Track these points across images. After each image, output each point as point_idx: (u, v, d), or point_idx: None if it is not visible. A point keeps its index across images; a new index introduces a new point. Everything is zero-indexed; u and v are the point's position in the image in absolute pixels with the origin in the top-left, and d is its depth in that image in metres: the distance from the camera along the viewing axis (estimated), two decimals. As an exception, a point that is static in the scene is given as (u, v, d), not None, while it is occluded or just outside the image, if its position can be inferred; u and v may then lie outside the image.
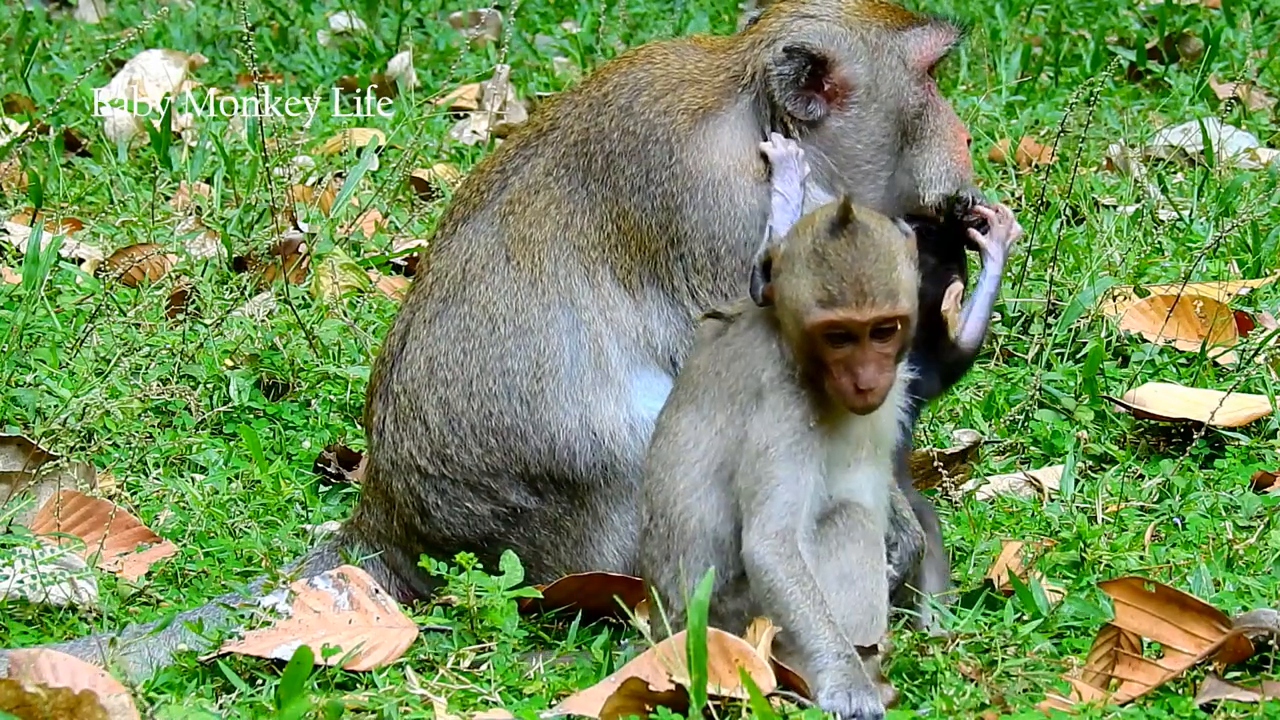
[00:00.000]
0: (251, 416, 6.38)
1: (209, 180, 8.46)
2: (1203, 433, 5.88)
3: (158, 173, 8.26)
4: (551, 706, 4.52)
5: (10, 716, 4.19)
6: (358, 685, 4.65)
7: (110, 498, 5.74)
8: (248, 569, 5.44)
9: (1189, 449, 5.88)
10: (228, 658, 4.67)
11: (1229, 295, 7.00)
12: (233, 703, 4.56)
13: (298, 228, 7.48)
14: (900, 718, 4.38)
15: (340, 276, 7.18)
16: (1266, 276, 7.34)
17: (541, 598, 4.98)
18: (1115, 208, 8.10)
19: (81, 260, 7.53)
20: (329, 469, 6.06)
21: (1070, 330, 6.71)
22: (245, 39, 7.07)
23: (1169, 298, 6.74)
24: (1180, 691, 4.56)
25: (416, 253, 7.57)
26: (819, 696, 4.33)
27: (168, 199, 8.32)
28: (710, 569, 4.45)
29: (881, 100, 5.18)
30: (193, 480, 5.96)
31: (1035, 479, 5.91)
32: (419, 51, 10.85)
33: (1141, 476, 5.92)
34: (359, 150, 8.79)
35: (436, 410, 5.12)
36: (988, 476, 5.94)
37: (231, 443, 6.21)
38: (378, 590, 4.89)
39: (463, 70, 10.33)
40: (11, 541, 5.37)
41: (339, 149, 9.11)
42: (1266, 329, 6.72)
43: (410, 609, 5.07)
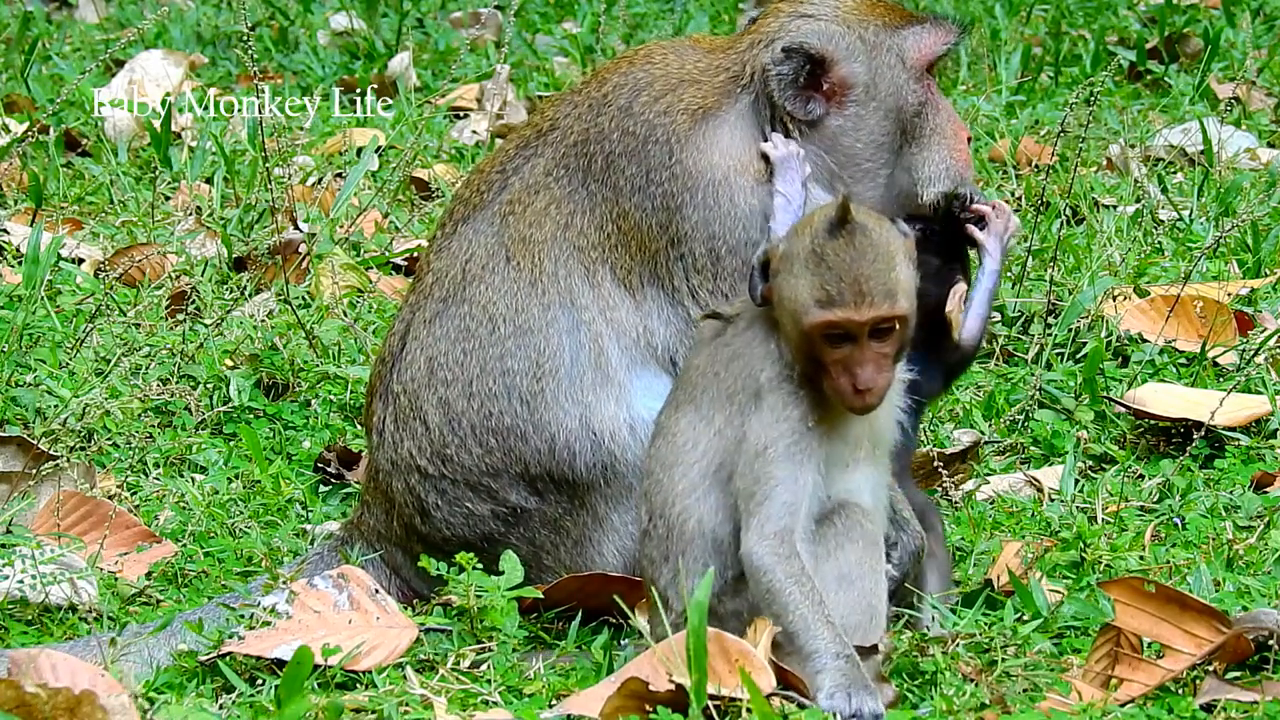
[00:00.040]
0: (251, 416, 6.37)
1: (209, 180, 8.46)
2: (1203, 433, 5.88)
3: (158, 173, 8.26)
4: (551, 706, 4.52)
5: (10, 716, 4.18)
6: (358, 685, 4.65)
7: (110, 498, 5.73)
8: (248, 569, 5.44)
9: (1189, 449, 5.88)
10: (228, 658, 4.67)
11: (1229, 295, 6.99)
12: (233, 703, 4.56)
13: (298, 228, 7.48)
14: (900, 718, 4.37)
15: (340, 276, 7.18)
16: (1266, 276, 7.34)
17: (541, 598, 4.98)
18: (1115, 208, 8.10)
19: (81, 260, 7.53)
20: (329, 469, 6.06)
21: (1070, 330, 6.71)
22: (245, 39, 7.07)
23: (1169, 298, 6.73)
24: (1180, 691, 4.56)
25: (416, 253, 7.57)
26: (818, 697, 4.32)
27: (168, 199, 8.32)
28: (710, 569, 4.44)
29: (880, 99, 5.18)
30: (193, 480, 5.96)
31: (1035, 479, 5.91)
32: (419, 51, 10.84)
33: (1141, 476, 5.92)
34: (359, 150, 8.79)
35: (436, 410, 5.12)
36: (988, 476, 5.93)
37: (231, 443, 6.21)
38: (378, 590, 4.89)
39: (463, 70, 10.33)
40: (11, 541, 5.36)
41: (339, 149, 9.11)
42: (1266, 329, 6.72)
43: (410, 609, 5.06)
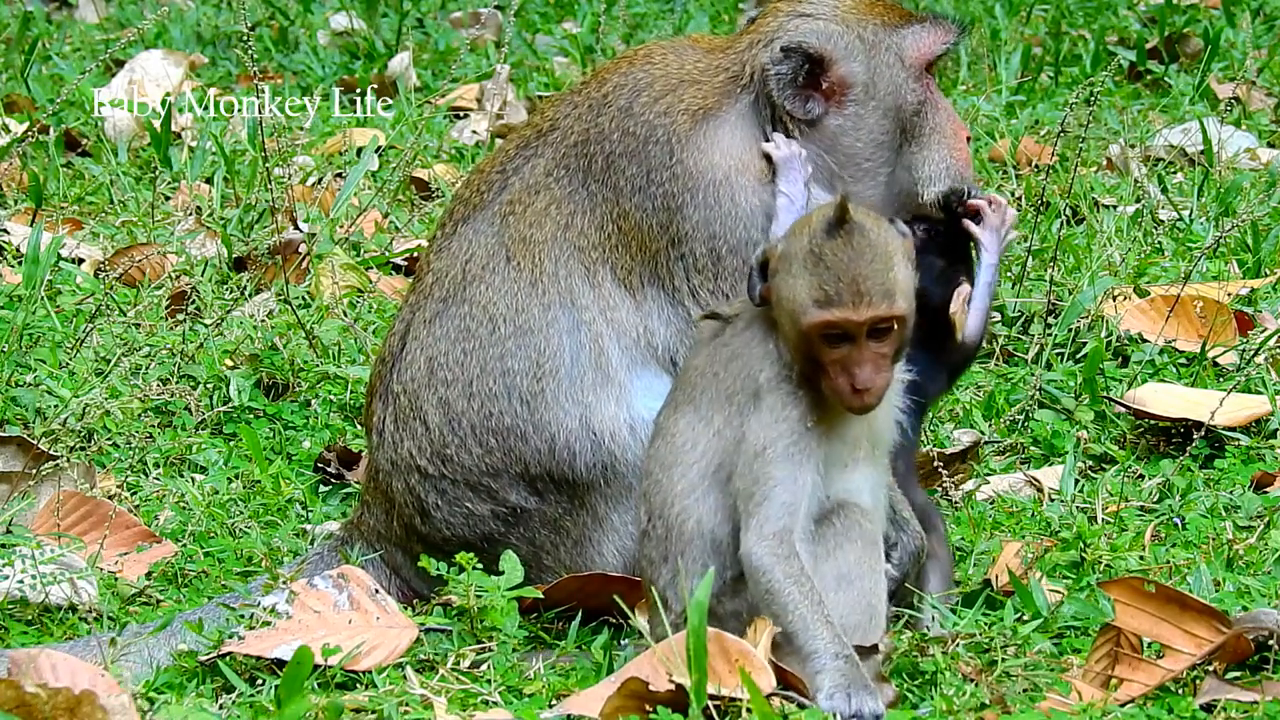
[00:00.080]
0: (251, 416, 6.37)
1: (209, 180, 8.46)
2: (1203, 433, 5.88)
3: (158, 173, 8.26)
4: (551, 706, 4.52)
5: (10, 716, 4.18)
6: (358, 685, 4.65)
7: (110, 498, 5.73)
8: (248, 569, 5.44)
9: (1189, 449, 5.88)
10: (228, 658, 4.67)
11: (1229, 295, 6.99)
12: (233, 703, 4.56)
13: (298, 228, 7.48)
14: (900, 718, 4.37)
15: (340, 276, 7.18)
16: (1266, 276, 7.34)
17: (541, 598, 4.98)
18: (1115, 208, 8.10)
19: (81, 260, 7.53)
20: (329, 469, 6.06)
21: (1070, 330, 6.71)
22: (245, 39, 7.07)
23: (1169, 298, 6.73)
24: (1180, 691, 4.56)
25: (416, 253, 7.57)
26: (818, 697, 4.32)
27: (168, 199, 8.32)
28: (709, 569, 4.44)
29: (879, 98, 5.17)
30: (193, 480, 5.96)
31: (1035, 479, 5.91)
32: (419, 51, 10.84)
33: (1141, 476, 5.92)
34: (359, 150, 8.79)
35: (436, 410, 5.12)
36: (988, 476, 5.93)
37: (231, 443, 6.21)
38: (378, 590, 4.89)
39: (463, 70, 10.33)
40: (11, 541, 5.36)
41: (339, 149, 9.11)
42: (1266, 329, 6.72)
43: (410, 609, 5.06)
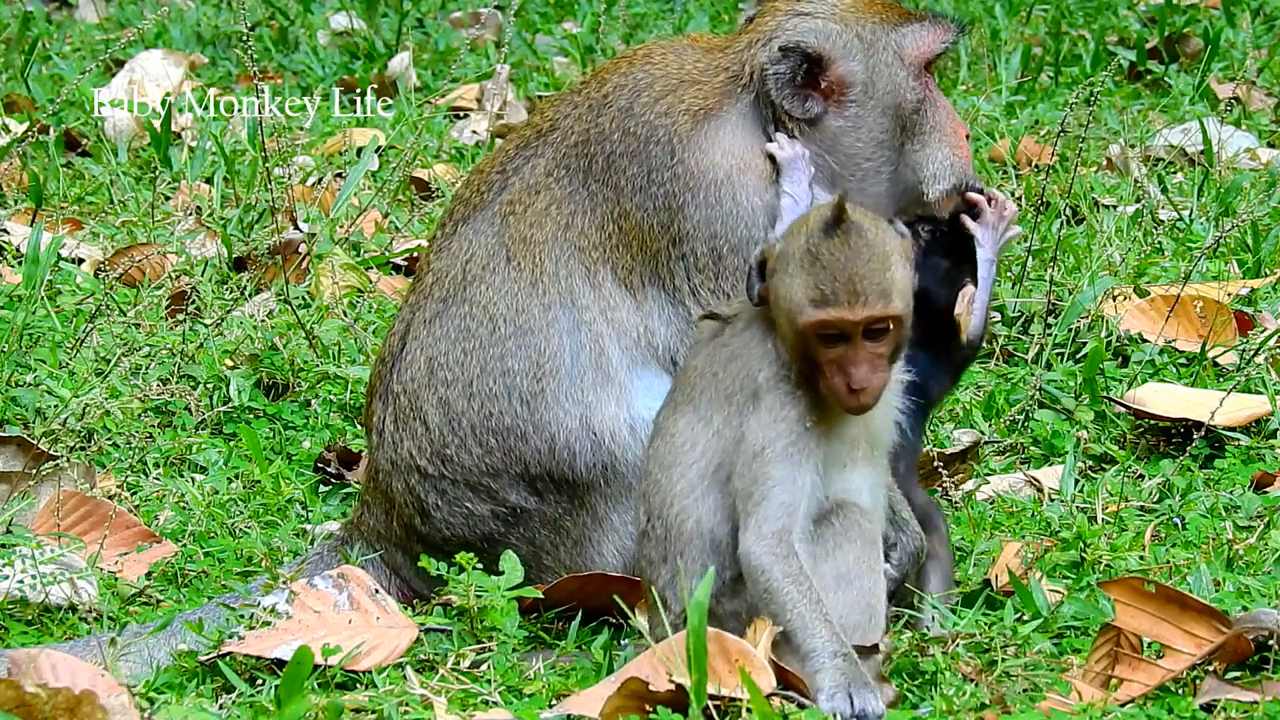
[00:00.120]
0: (251, 416, 6.37)
1: (209, 180, 8.46)
2: (1203, 433, 5.88)
3: (158, 173, 8.26)
4: (551, 706, 4.52)
5: (10, 716, 4.18)
6: (358, 685, 4.65)
7: (110, 498, 5.73)
8: (248, 569, 5.44)
9: (1189, 449, 5.88)
10: (228, 658, 4.67)
11: (1229, 295, 6.99)
12: (233, 703, 4.56)
13: (298, 228, 7.48)
14: (900, 718, 4.37)
15: (340, 276, 7.18)
16: (1266, 276, 7.34)
17: (541, 598, 4.98)
18: (1115, 208, 8.10)
19: (81, 260, 7.53)
20: (329, 469, 6.06)
21: (1070, 330, 6.71)
22: (245, 39, 7.06)
23: (1169, 298, 6.73)
24: (1180, 691, 4.56)
25: (416, 253, 7.57)
26: (819, 697, 4.32)
27: (168, 199, 8.32)
28: (709, 569, 4.44)
29: (879, 97, 5.17)
30: (193, 480, 5.96)
31: (1035, 479, 5.91)
32: (419, 51, 10.84)
33: (1141, 476, 5.92)
34: (359, 150, 8.79)
35: (436, 410, 5.12)
36: (988, 476, 5.93)
37: (231, 443, 6.21)
38: (378, 590, 4.89)
39: (463, 70, 10.33)
40: (11, 541, 5.36)
41: (339, 149, 9.11)
42: (1266, 329, 6.72)
43: (410, 609, 5.06)
